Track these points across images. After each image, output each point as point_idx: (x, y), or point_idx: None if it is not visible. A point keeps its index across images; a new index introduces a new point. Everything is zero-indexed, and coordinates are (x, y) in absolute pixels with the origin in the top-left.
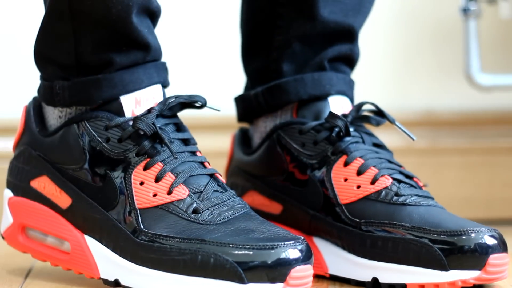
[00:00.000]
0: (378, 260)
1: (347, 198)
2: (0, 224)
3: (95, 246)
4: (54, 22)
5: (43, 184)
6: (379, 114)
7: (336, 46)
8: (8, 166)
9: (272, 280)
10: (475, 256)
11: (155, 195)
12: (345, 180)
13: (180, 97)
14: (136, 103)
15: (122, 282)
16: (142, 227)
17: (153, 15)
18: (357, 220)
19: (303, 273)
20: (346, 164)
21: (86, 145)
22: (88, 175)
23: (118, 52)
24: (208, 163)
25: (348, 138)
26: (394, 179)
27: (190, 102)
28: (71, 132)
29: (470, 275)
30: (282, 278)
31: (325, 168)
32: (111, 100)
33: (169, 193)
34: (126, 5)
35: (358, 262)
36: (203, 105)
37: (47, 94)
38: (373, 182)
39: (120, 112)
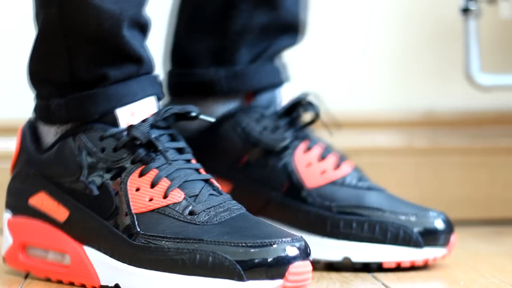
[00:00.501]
0: (352, 240)
1: (313, 183)
2: (1, 247)
3: (94, 255)
4: (47, 41)
5: (41, 200)
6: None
7: (288, 37)
8: (7, 188)
9: (271, 277)
10: (442, 235)
11: (151, 199)
12: (309, 165)
13: (173, 108)
14: (131, 115)
15: (122, 286)
16: (138, 229)
17: (143, 28)
18: (326, 203)
19: (302, 269)
20: (307, 149)
21: (82, 157)
22: (84, 186)
23: (112, 66)
24: (204, 170)
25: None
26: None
27: (183, 113)
28: (66, 145)
29: (440, 252)
30: (281, 275)
31: (287, 153)
32: (106, 114)
33: (165, 197)
34: (117, 19)
35: (327, 243)
36: (197, 115)
37: (43, 113)
38: (336, 167)
39: (115, 124)
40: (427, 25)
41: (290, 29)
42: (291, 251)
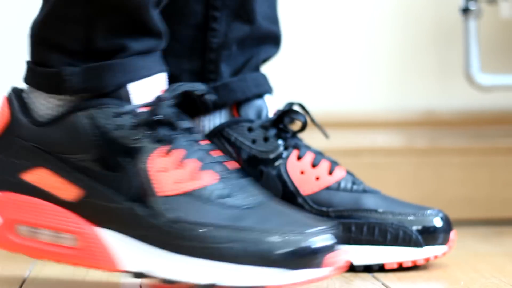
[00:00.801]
0: (353, 244)
1: (309, 190)
2: None
3: (112, 238)
4: (66, 7)
5: (39, 176)
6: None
7: (267, 49)
8: None
9: (317, 265)
10: (442, 233)
11: (178, 181)
12: (302, 172)
13: (183, 85)
14: (144, 90)
15: (155, 272)
16: (171, 215)
17: (159, 3)
18: (323, 209)
19: (340, 256)
20: (299, 157)
21: (96, 133)
22: (100, 164)
23: (132, 38)
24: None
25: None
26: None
27: (192, 91)
28: (78, 120)
29: (440, 250)
30: (323, 262)
31: (279, 163)
32: (121, 86)
33: (194, 179)
34: None
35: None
36: (204, 93)
37: (50, 82)
38: (330, 172)
39: (128, 100)
40: (427, 25)
41: (269, 40)
42: (331, 238)
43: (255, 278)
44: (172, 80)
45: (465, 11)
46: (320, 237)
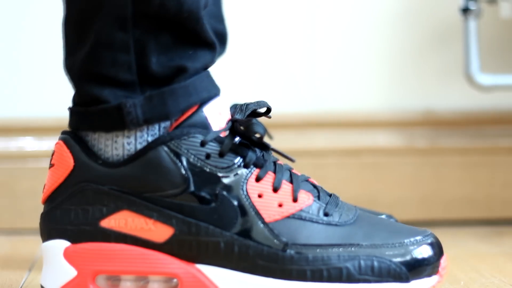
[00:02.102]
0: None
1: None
2: (48, 281)
3: (217, 273)
4: (112, 33)
5: (123, 220)
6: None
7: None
8: (48, 214)
9: (429, 274)
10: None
11: (280, 205)
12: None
13: (251, 104)
14: (217, 113)
15: None
16: (285, 239)
17: (206, 6)
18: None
19: (446, 262)
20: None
21: (185, 166)
22: (195, 198)
23: (186, 56)
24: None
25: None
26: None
27: (258, 108)
28: (161, 156)
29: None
30: (436, 270)
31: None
32: (193, 113)
33: (295, 200)
34: None
35: None
36: (269, 110)
37: (108, 119)
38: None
39: (206, 126)
40: (427, 25)
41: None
42: (437, 245)
43: None
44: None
45: (465, 11)
46: (427, 245)
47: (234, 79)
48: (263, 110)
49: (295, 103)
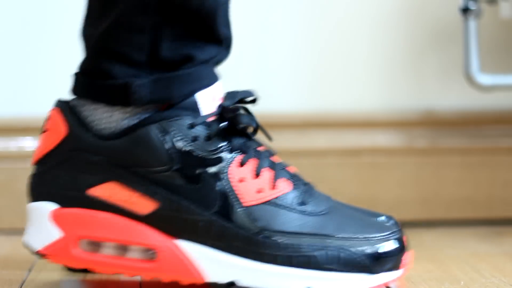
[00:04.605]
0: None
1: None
2: (32, 240)
3: (193, 249)
4: (134, 15)
5: (109, 191)
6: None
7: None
8: (38, 177)
9: (394, 268)
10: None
11: (259, 191)
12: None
13: (239, 93)
14: (207, 99)
15: (242, 283)
16: (258, 224)
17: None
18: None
19: (409, 258)
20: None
21: (173, 146)
22: (179, 177)
23: (197, 47)
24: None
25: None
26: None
27: (246, 97)
28: (152, 133)
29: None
30: (399, 265)
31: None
32: (188, 96)
33: (272, 187)
34: None
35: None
36: (255, 99)
37: (115, 94)
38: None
39: (196, 110)
40: (427, 25)
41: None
42: (403, 240)
43: (341, 284)
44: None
45: (465, 11)
46: (394, 240)
47: (234, 79)
48: (250, 99)
49: (295, 103)
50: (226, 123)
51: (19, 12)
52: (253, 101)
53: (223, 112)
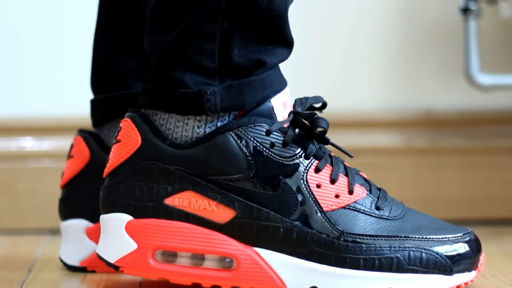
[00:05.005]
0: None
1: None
2: (107, 252)
3: (274, 257)
4: (204, 22)
5: (186, 200)
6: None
7: None
8: (111, 188)
9: (469, 269)
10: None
11: (337, 196)
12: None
13: (309, 98)
14: (283, 105)
15: None
16: (340, 228)
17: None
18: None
19: (484, 259)
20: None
21: (250, 153)
22: (258, 184)
23: (267, 50)
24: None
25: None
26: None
27: (316, 103)
28: (228, 141)
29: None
30: (475, 266)
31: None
32: (261, 103)
33: (351, 192)
34: None
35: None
36: (325, 105)
37: (187, 103)
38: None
39: (272, 116)
40: (427, 25)
41: None
42: (479, 242)
43: (421, 285)
44: (118, 79)
45: (465, 11)
46: (471, 240)
47: None
48: (319, 105)
49: None
50: (297, 129)
51: (19, 13)
52: (323, 106)
53: (300, 117)
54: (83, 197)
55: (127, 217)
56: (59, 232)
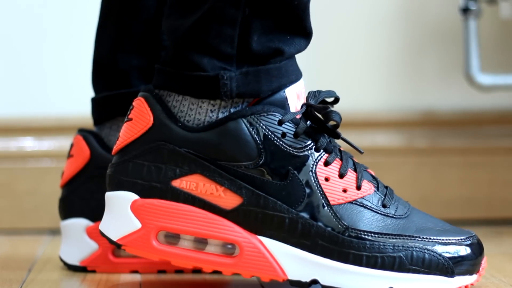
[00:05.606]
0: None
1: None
2: (110, 229)
3: (277, 247)
4: (226, 8)
5: (194, 183)
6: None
7: None
8: (119, 166)
9: (471, 272)
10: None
11: (345, 190)
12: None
13: (322, 93)
14: (297, 97)
15: (324, 282)
16: (346, 223)
17: None
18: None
19: (486, 263)
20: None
21: (262, 141)
22: (266, 172)
23: (286, 40)
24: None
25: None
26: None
27: (329, 97)
28: (240, 127)
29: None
30: (477, 269)
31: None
32: (276, 91)
33: (359, 188)
34: None
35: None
36: (338, 99)
37: (203, 86)
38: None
39: (285, 106)
40: (427, 25)
41: None
42: (481, 245)
43: (422, 285)
44: (120, 77)
45: (465, 11)
46: (474, 243)
47: None
48: (331, 99)
49: None
50: (309, 122)
51: (19, 13)
52: (336, 101)
53: (313, 110)
54: (83, 196)
55: (133, 196)
56: (59, 232)
